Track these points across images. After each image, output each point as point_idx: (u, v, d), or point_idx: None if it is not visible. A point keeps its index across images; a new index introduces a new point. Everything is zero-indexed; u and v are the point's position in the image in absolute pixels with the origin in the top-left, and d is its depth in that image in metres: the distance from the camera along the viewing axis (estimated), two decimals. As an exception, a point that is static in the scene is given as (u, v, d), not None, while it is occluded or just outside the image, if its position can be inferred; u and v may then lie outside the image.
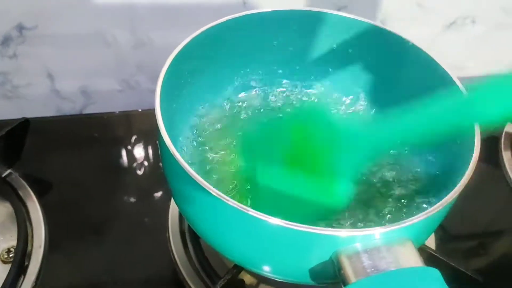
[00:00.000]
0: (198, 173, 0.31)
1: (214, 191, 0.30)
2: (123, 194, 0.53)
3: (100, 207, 0.51)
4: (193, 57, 0.41)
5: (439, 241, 0.47)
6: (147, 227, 0.49)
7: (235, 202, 0.29)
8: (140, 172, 0.55)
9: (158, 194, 0.53)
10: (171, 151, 0.32)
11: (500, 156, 0.55)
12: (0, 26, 0.55)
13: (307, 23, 0.45)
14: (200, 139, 0.43)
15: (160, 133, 0.33)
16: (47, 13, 0.55)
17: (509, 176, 0.53)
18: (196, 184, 0.30)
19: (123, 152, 0.58)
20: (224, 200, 0.30)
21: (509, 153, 0.55)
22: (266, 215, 0.29)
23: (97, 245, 0.47)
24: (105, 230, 0.48)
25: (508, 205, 0.52)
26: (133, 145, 0.59)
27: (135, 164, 0.56)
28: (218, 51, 0.43)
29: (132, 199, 0.52)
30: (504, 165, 0.54)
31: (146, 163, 0.57)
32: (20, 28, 0.56)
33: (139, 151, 0.58)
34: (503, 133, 0.57)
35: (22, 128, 0.48)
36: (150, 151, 0.58)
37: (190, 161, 0.41)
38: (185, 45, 0.39)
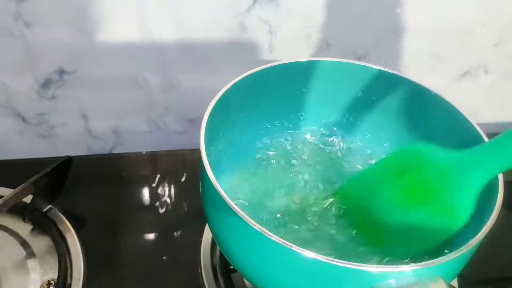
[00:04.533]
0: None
1: (256, 226, 0.32)
2: (155, 230, 0.55)
3: (132, 242, 0.53)
4: (230, 102, 0.44)
5: (461, 284, 0.49)
6: (179, 262, 0.50)
7: (277, 237, 0.32)
8: (168, 210, 0.57)
9: (187, 231, 0.55)
10: (215, 186, 0.34)
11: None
12: (43, 70, 0.59)
13: (330, 73, 0.49)
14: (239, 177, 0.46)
15: (205, 170, 0.36)
16: (85, 58, 0.59)
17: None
18: (238, 217, 0.33)
19: (152, 191, 0.60)
20: (267, 235, 0.32)
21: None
22: (304, 249, 0.31)
23: (131, 279, 0.49)
24: (139, 264, 0.50)
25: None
26: (159, 184, 0.61)
27: (161, 202, 0.58)
28: (253, 97, 0.46)
29: (164, 235, 0.54)
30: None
31: (172, 201, 0.59)
32: (61, 71, 0.59)
33: (168, 190, 0.60)
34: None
35: (65, 166, 0.51)
36: (176, 189, 0.60)
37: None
38: (226, 91, 0.42)
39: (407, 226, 0.40)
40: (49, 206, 0.51)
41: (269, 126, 0.50)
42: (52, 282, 0.45)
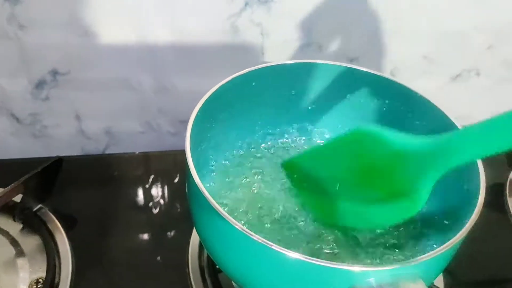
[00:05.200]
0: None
1: (238, 225, 0.33)
2: (145, 231, 0.55)
3: (122, 242, 0.53)
4: (218, 103, 0.44)
5: (446, 282, 0.49)
6: (168, 262, 0.51)
7: (258, 236, 0.32)
8: (159, 210, 0.58)
9: (177, 231, 0.55)
10: (198, 186, 0.35)
11: (505, 203, 0.57)
12: (37, 71, 0.59)
13: (320, 75, 0.49)
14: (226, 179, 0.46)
15: (190, 171, 0.36)
16: (79, 59, 0.59)
17: (514, 222, 0.55)
18: (221, 218, 0.33)
19: (144, 191, 0.60)
20: (248, 234, 0.32)
21: (513, 199, 0.58)
22: (284, 249, 0.32)
23: (119, 279, 0.49)
24: (127, 264, 0.50)
25: (512, 249, 0.54)
26: (151, 184, 0.61)
27: (153, 202, 0.59)
28: (242, 99, 0.47)
29: (154, 236, 0.54)
30: (509, 212, 0.56)
31: (164, 201, 0.59)
32: (54, 73, 0.60)
33: (159, 191, 0.60)
34: (508, 181, 0.59)
35: (56, 166, 0.51)
36: (169, 189, 0.60)
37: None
38: (213, 93, 0.43)
39: (357, 205, 0.40)
40: (40, 205, 0.52)
41: (257, 128, 0.51)
42: (40, 280, 0.46)
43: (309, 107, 0.51)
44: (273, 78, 0.47)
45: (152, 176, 0.62)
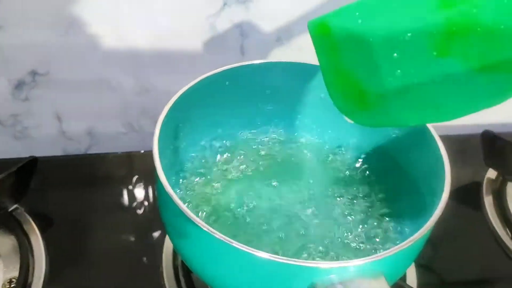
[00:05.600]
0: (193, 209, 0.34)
1: (202, 224, 0.33)
2: (122, 231, 0.55)
3: (98, 243, 0.53)
4: (190, 104, 0.44)
5: (421, 282, 0.49)
6: (143, 262, 0.51)
7: (222, 235, 0.32)
8: (139, 211, 0.58)
9: (156, 231, 0.55)
10: (164, 186, 0.35)
11: (482, 201, 0.57)
12: (16, 72, 0.59)
13: (297, 75, 0.49)
14: (195, 178, 0.47)
15: (156, 171, 0.36)
16: (59, 60, 0.59)
17: (490, 221, 0.55)
18: (184, 216, 0.33)
19: (124, 191, 0.60)
20: (211, 232, 0.32)
21: (490, 198, 0.58)
22: (250, 248, 0.32)
23: (93, 279, 0.49)
24: (102, 264, 0.50)
25: (489, 249, 0.54)
26: (134, 185, 0.61)
27: (135, 203, 0.59)
28: (215, 98, 0.47)
29: (131, 236, 0.54)
30: (486, 210, 0.56)
31: (146, 202, 0.59)
32: (34, 73, 0.60)
33: (139, 191, 0.60)
34: (485, 179, 0.60)
35: (31, 165, 0.51)
36: (150, 190, 0.61)
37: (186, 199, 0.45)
38: (183, 93, 0.43)
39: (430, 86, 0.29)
40: (15, 206, 0.52)
41: (233, 127, 0.51)
42: (13, 280, 0.46)
43: (285, 107, 0.51)
44: (247, 78, 0.48)
45: (135, 177, 0.62)
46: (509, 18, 0.26)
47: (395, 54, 0.30)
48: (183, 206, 0.34)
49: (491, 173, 0.60)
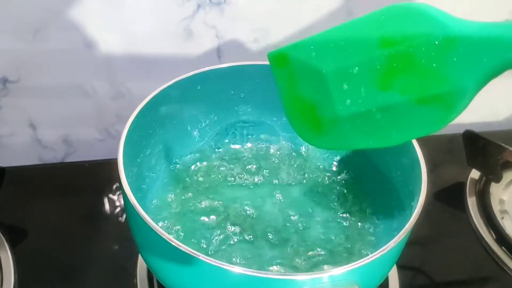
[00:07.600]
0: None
1: (172, 240, 0.31)
2: (99, 242, 0.53)
3: (74, 254, 0.51)
4: (162, 108, 0.43)
5: (403, 282, 0.48)
6: (118, 274, 0.49)
7: (185, 246, 0.31)
8: (118, 220, 0.56)
9: (129, 242, 0.54)
10: (126, 193, 0.34)
11: (465, 202, 0.56)
12: (-15, 80, 0.58)
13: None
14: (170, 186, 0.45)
15: (122, 184, 0.35)
16: (29, 67, 0.58)
17: (473, 221, 0.54)
18: (153, 232, 0.32)
19: (103, 200, 0.59)
20: (181, 248, 0.31)
21: (473, 198, 0.57)
22: (224, 263, 0.31)
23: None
24: (76, 277, 0.49)
25: (472, 249, 0.53)
26: (114, 193, 0.60)
27: (114, 212, 0.57)
28: (188, 102, 0.46)
29: (107, 247, 0.53)
30: (469, 210, 0.55)
31: (118, 212, 0.57)
32: (4, 80, 0.58)
33: (119, 199, 0.59)
34: (468, 180, 0.59)
35: (-2, 176, 0.50)
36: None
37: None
38: (152, 98, 0.42)
39: (372, 113, 0.33)
40: (-16, 219, 0.50)
41: (206, 132, 0.49)
42: (-20, 295, 0.44)
43: (260, 110, 0.50)
44: (219, 81, 0.46)
45: (115, 185, 0.60)
46: (440, 58, 0.30)
47: (345, 86, 0.34)
48: (148, 218, 0.32)
49: (475, 174, 0.59)
